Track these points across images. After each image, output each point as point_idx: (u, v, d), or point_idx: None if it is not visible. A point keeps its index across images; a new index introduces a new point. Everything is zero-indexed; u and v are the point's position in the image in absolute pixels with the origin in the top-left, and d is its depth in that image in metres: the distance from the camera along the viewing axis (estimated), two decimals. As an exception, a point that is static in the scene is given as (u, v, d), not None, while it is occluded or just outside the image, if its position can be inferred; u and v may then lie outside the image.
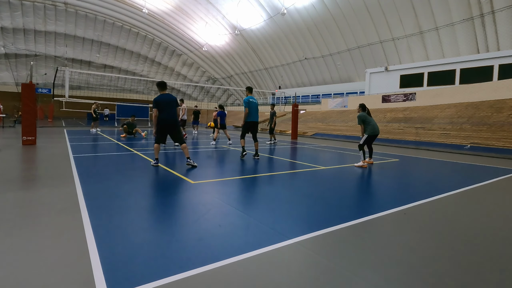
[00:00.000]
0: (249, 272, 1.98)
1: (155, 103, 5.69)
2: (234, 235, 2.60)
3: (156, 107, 5.69)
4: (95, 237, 2.41)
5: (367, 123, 6.94)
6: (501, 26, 19.22)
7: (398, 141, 14.59)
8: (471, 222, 3.24)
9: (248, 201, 3.73)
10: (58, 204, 3.30)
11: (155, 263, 2.04)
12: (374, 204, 3.84)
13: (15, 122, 20.23)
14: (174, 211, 3.24)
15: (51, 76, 30.22)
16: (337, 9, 26.25)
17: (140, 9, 33.22)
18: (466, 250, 2.47)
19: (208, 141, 12.27)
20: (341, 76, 31.93)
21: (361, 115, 7.00)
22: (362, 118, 6.95)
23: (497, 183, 5.42)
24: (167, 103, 5.77)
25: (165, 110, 5.73)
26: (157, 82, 6.01)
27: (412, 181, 5.67)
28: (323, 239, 2.57)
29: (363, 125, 6.95)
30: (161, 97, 5.79)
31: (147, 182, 4.61)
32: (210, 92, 53.70)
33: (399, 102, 20.92)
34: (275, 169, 6.19)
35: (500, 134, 12.48)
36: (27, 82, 9.09)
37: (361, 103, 7.26)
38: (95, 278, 1.82)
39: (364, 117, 6.97)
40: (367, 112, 7.08)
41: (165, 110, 5.73)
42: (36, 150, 7.76)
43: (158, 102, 5.69)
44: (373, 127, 6.93)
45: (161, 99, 5.76)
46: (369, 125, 6.93)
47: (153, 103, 5.73)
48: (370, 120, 6.96)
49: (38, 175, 4.87)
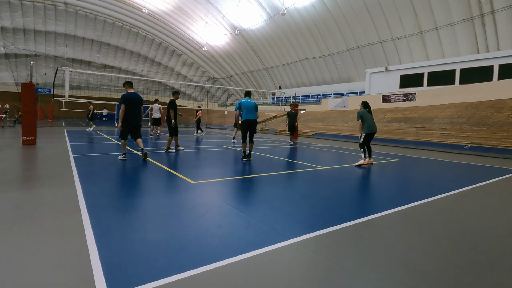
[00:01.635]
0: (249, 272, 1.98)
1: (124, 99, 6.17)
2: (234, 235, 2.60)
3: (124, 103, 6.17)
4: (95, 237, 2.41)
5: (363, 121, 6.97)
6: (501, 26, 19.22)
7: (398, 141, 14.59)
8: (471, 222, 3.24)
9: (248, 201, 3.73)
10: (58, 204, 3.30)
11: (155, 263, 2.04)
12: (374, 204, 3.84)
13: (15, 122, 20.24)
14: (174, 211, 3.24)
15: (51, 76, 30.21)
16: (337, 9, 26.24)
17: (140, 9, 33.22)
18: (466, 250, 2.47)
19: (207, 141, 12.28)
20: (341, 76, 31.93)
21: (360, 111, 7.06)
22: (360, 114, 7.01)
23: (497, 183, 5.42)
24: (134, 102, 6.32)
25: (132, 109, 6.28)
26: (126, 81, 6.59)
27: (412, 181, 5.66)
28: (323, 239, 2.57)
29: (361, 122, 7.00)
30: (129, 95, 6.30)
31: (147, 182, 4.61)
32: (210, 92, 53.70)
33: (399, 102, 20.91)
34: (275, 169, 6.19)
35: (500, 134, 12.48)
36: (27, 82, 9.09)
37: (364, 101, 7.31)
38: (95, 278, 1.82)
39: (362, 113, 7.00)
40: (368, 110, 7.11)
41: (131, 108, 6.27)
42: (36, 150, 7.76)
43: (127, 100, 6.20)
44: (369, 126, 6.95)
45: (129, 97, 6.27)
46: (365, 123, 6.97)
47: (121, 99, 6.19)
48: (367, 118, 6.98)
49: (38, 175, 4.86)
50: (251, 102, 7.14)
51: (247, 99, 7.22)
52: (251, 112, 7.09)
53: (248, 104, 7.09)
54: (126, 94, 6.30)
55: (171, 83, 50.72)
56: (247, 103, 7.09)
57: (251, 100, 7.22)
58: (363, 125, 7.01)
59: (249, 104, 7.09)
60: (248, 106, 7.07)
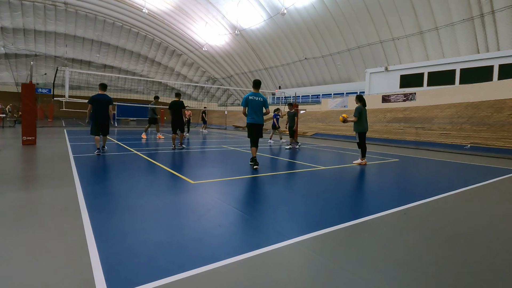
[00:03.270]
0: (249, 272, 1.98)
1: (92, 100, 7.01)
2: (234, 235, 2.60)
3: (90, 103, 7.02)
4: (95, 237, 2.41)
5: (359, 118, 6.86)
6: (501, 26, 19.22)
7: (398, 141, 14.59)
8: (471, 222, 3.24)
9: (248, 201, 3.73)
10: (58, 204, 3.30)
11: (155, 263, 2.04)
12: (374, 204, 3.84)
13: (15, 122, 20.24)
14: (174, 211, 3.24)
15: (51, 76, 30.19)
16: (337, 9, 26.24)
17: (140, 9, 33.20)
18: (466, 250, 2.47)
19: (207, 141, 12.28)
20: (341, 76, 31.93)
21: (359, 108, 6.88)
22: (359, 111, 6.85)
23: (497, 183, 5.42)
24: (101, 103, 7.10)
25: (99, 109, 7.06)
26: (101, 83, 7.34)
27: (412, 181, 5.66)
28: (323, 239, 2.57)
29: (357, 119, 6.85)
30: (97, 96, 7.12)
31: (147, 182, 4.61)
32: (210, 92, 53.70)
33: (399, 102, 20.90)
34: (275, 169, 6.19)
35: (500, 134, 12.48)
36: (27, 82, 9.09)
37: (359, 95, 7.08)
38: (95, 278, 1.82)
39: (361, 110, 6.86)
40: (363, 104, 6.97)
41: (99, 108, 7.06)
42: (36, 150, 7.76)
43: (95, 100, 7.04)
44: (363, 125, 6.87)
45: (97, 98, 7.08)
46: (359, 121, 6.87)
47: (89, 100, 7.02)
48: (362, 116, 6.88)
49: (38, 175, 4.86)
50: (258, 99, 5.93)
51: (257, 95, 5.95)
52: (256, 112, 5.93)
53: (254, 101, 5.89)
54: (95, 95, 7.16)
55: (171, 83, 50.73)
56: (254, 101, 5.88)
57: (259, 94, 5.99)
58: (358, 122, 6.86)
59: (256, 102, 5.90)
60: (254, 104, 5.88)
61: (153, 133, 15.36)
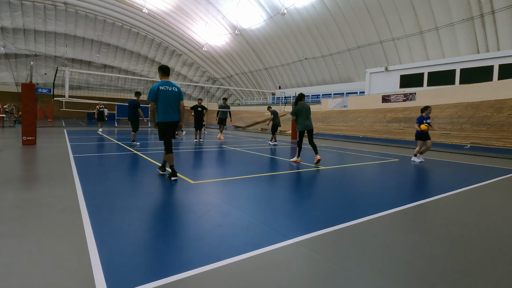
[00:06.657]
0: (249, 272, 1.98)
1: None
2: (234, 235, 2.60)
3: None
4: (95, 237, 2.41)
5: (297, 117, 6.75)
6: (501, 26, 19.23)
7: (398, 141, 14.58)
8: (471, 222, 3.24)
9: (248, 201, 3.73)
10: (58, 204, 3.30)
11: (155, 263, 2.04)
12: (374, 204, 3.84)
13: (15, 122, 20.23)
14: (174, 211, 3.24)
15: (51, 76, 30.18)
16: (337, 9, 26.25)
17: (140, 9, 33.22)
18: (466, 250, 2.47)
19: (207, 141, 12.27)
20: (341, 76, 31.94)
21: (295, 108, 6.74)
22: (295, 111, 6.71)
23: (497, 183, 5.42)
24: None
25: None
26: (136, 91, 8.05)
27: (412, 181, 5.66)
28: (323, 239, 2.57)
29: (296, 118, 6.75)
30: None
31: (147, 182, 4.61)
32: (210, 92, 53.70)
33: (399, 102, 20.91)
34: (275, 169, 6.19)
35: (500, 134, 12.48)
36: (27, 82, 9.09)
37: (300, 93, 6.89)
38: (95, 278, 1.82)
39: (296, 110, 6.72)
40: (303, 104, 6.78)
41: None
42: (36, 150, 7.76)
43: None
44: (302, 123, 6.70)
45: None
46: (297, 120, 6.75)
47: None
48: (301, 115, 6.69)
49: (38, 175, 4.86)
50: (173, 89, 4.83)
51: (166, 82, 4.86)
52: (172, 107, 4.83)
53: (168, 92, 4.77)
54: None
55: (171, 83, 50.66)
56: (167, 91, 4.76)
57: (171, 83, 4.94)
58: (297, 121, 6.73)
59: (170, 93, 4.79)
60: (168, 96, 4.76)
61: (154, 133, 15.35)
